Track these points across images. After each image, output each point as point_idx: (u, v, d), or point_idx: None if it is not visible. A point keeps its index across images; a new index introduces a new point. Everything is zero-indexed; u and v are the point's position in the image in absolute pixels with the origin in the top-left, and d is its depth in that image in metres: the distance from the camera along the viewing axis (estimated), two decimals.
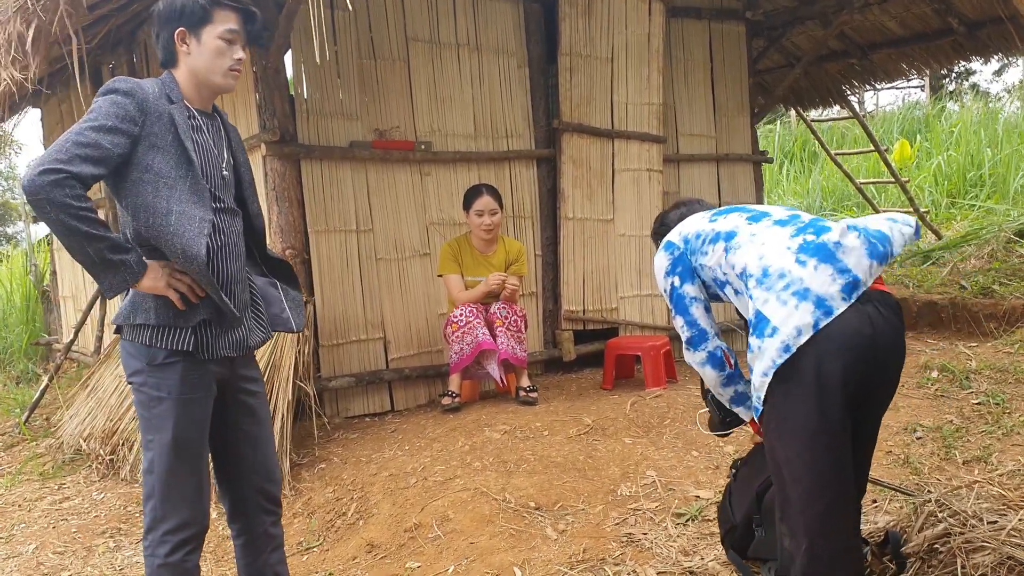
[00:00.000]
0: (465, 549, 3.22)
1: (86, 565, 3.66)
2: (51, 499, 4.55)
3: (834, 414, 2.02)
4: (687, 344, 2.43)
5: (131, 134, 2.22)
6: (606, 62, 5.88)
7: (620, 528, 3.27)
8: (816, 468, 2.02)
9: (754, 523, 2.69)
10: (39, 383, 6.69)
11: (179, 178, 2.28)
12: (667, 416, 4.48)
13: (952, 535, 2.61)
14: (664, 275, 2.46)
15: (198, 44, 2.36)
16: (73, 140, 2.13)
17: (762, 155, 7.41)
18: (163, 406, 2.31)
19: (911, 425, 4.01)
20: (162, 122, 2.27)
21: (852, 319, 2.01)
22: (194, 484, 2.37)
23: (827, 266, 2.05)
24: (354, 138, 4.99)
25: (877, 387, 2.15)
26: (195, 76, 2.39)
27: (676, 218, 2.69)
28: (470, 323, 4.71)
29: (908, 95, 18.12)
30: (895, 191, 10.32)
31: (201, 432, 2.39)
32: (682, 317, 2.42)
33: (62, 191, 2.07)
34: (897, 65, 8.43)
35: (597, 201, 5.89)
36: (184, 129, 2.31)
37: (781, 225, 2.24)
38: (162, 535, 2.33)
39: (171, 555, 2.32)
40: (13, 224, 18.13)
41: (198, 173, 2.32)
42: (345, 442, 4.51)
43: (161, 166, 2.26)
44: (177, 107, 2.33)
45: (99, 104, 2.22)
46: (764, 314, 2.07)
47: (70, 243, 2.13)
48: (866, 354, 2.03)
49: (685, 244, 2.43)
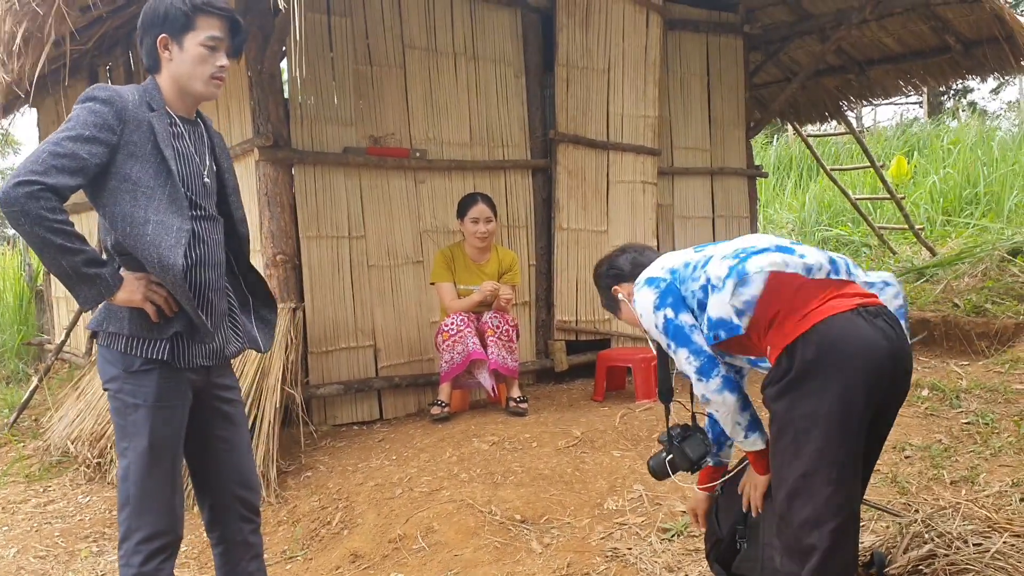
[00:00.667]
0: (449, 561, 3.20)
1: (68, 570, 3.63)
2: (36, 502, 4.51)
3: (855, 428, 2.01)
4: (698, 375, 2.24)
5: (109, 143, 2.19)
6: (603, 73, 5.89)
7: (605, 542, 3.25)
8: (834, 485, 2.01)
9: (738, 535, 2.68)
10: (29, 383, 6.66)
11: (157, 187, 2.25)
12: (656, 429, 4.46)
13: (937, 556, 2.60)
14: (654, 310, 2.30)
15: (180, 51, 2.33)
16: (49, 151, 2.11)
17: (757, 169, 7.42)
18: (138, 413, 2.29)
19: (900, 444, 4.00)
20: (141, 130, 2.25)
21: (870, 334, 2.00)
22: (168, 493, 2.35)
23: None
24: (348, 144, 4.98)
25: (892, 402, 2.15)
26: (177, 83, 2.36)
27: (628, 262, 2.62)
28: (461, 332, 4.69)
29: (906, 112, 18.19)
30: (890, 207, 10.34)
31: (176, 440, 2.37)
32: (685, 348, 2.25)
33: (37, 203, 2.05)
34: (894, 81, 8.45)
35: (591, 212, 5.89)
36: (164, 137, 2.29)
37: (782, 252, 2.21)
38: (136, 544, 2.30)
39: (145, 564, 2.30)
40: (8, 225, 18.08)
41: (177, 182, 2.29)
42: (332, 450, 4.49)
43: (139, 175, 2.23)
44: (157, 115, 2.30)
45: (77, 112, 2.20)
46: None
47: (44, 256, 2.12)
48: (887, 367, 2.03)
49: (672, 275, 2.32)
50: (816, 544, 2.02)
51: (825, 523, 2.01)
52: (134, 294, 2.24)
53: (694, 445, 2.55)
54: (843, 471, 2.01)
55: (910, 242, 10.08)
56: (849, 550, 2.05)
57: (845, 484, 2.02)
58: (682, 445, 2.55)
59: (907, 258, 9.39)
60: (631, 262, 2.61)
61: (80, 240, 2.14)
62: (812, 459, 2.02)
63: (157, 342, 2.30)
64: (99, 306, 2.32)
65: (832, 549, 2.01)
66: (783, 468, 2.09)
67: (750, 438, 2.28)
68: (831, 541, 2.00)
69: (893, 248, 9.83)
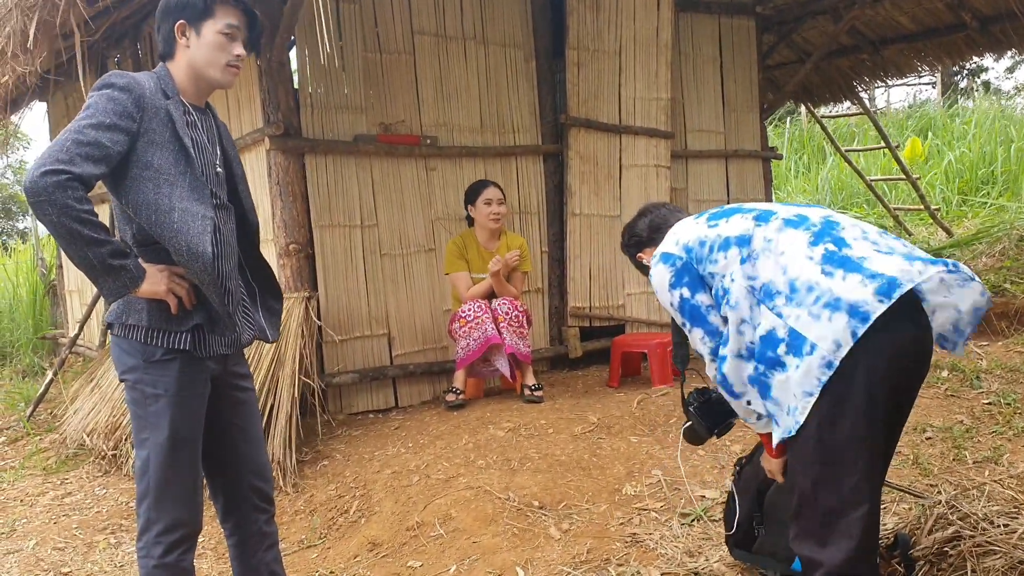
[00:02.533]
0: (468, 548, 3.18)
1: (86, 561, 3.64)
2: (53, 494, 4.52)
3: (880, 414, 1.97)
4: (712, 356, 2.23)
5: (130, 131, 2.17)
6: (614, 56, 5.83)
7: (625, 528, 3.23)
8: (860, 474, 1.97)
9: (754, 522, 2.65)
10: (45, 377, 6.68)
11: (179, 174, 2.24)
12: (673, 414, 4.43)
13: (963, 538, 2.56)
14: (669, 288, 2.27)
15: (198, 37, 2.32)
16: (73, 139, 2.07)
17: (771, 151, 7.36)
18: (159, 404, 2.27)
19: (921, 425, 3.96)
20: (159, 118, 2.23)
21: (892, 318, 1.92)
22: (189, 483, 2.34)
23: (855, 274, 1.96)
24: (359, 132, 4.95)
25: (912, 387, 2.11)
26: (192, 70, 2.35)
27: (645, 227, 2.57)
28: (478, 318, 4.67)
29: (919, 92, 18.02)
30: (905, 188, 10.25)
31: (196, 431, 2.35)
32: (701, 328, 2.23)
33: (64, 193, 2.02)
34: (909, 60, 8.36)
35: (604, 197, 5.84)
36: (181, 125, 2.27)
37: (794, 227, 2.13)
38: (156, 536, 2.29)
39: (165, 556, 2.29)
40: (23, 219, 18.16)
41: (197, 169, 2.28)
42: (348, 439, 4.48)
43: (161, 162, 2.22)
44: (173, 102, 2.29)
45: (95, 100, 2.17)
46: (798, 331, 1.97)
47: (70, 246, 2.08)
48: (909, 352, 1.99)
49: (687, 253, 2.26)
50: (841, 532, 1.99)
51: (850, 512, 1.98)
52: (158, 285, 2.22)
53: (709, 411, 2.52)
54: (868, 459, 1.97)
55: (926, 223, 9.99)
56: (872, 537, 2.02)
57: (869, 472, 1.98)
58: (699, 411, 2.54)
59: (923, 239, 9.31)
60: (648, 226, 2.56)
61: (105, 231, 2.11)
62: (836, 447, 1.98)
63: (178, 333, 2.28)
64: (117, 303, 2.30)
65: (856, 537, 1.97)
66: (806, 456, 2.05)
67: (761, 421, 2.24)
68: (856, 529, 1.97)
69: (909, 229, 9.75)
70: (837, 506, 1.99)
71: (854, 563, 1.98)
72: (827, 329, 1.92)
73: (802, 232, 2.11)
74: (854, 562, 1.98)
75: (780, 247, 2.09)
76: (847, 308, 1.92)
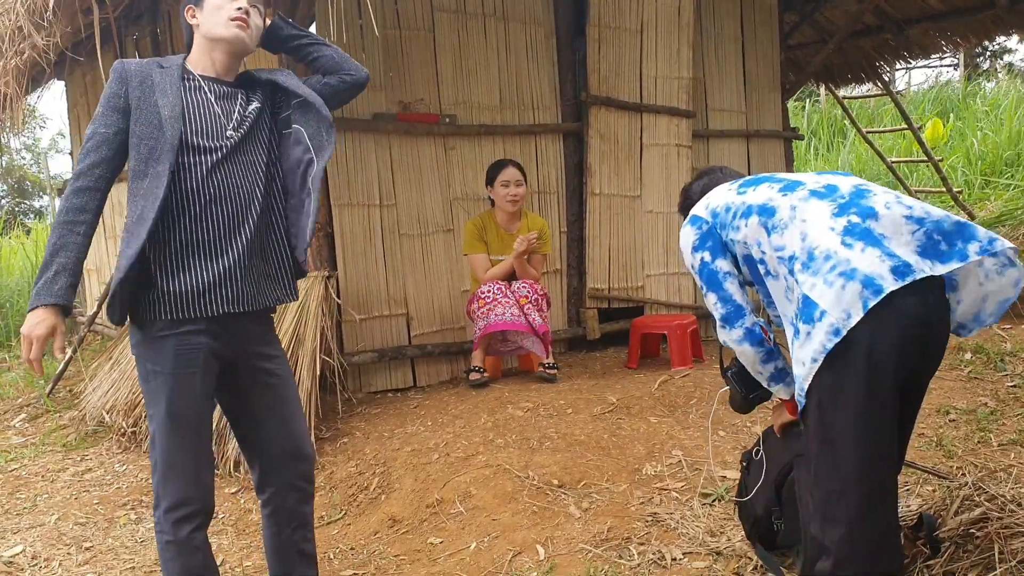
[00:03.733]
0: (487, 525, 3.18)
1: (107, 536, 3.66)
2: (73, 470, 4.55)
3: (885, 397, 1.92)
4: (722, 322, 2.27)
5: (118, 107, 2.28)
6: (635, 34, 5.77)
7: (645, 507, 3.21)
8: (864, 452, 1.93)
9: (773, 516, 2.62)
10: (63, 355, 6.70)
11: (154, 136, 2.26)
12: (693, 396, 4.41)
13: (989, 520, 2.53)
14: (692, 250, 2.33)
15: (202, 11, 2.39)
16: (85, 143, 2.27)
17: (792, 132, 7.28)
18: (158, 380, 2.27)
19: (944, 407, 3.92)
20: (144, 86, 2.29)
21: (904, 297, 1.89)
22: (192, 462, 2.31)
23: (875, 249, 1.94)
24: (378, 110, 4.92)
25: (925, 368, 2.06)
26: (205, 40, 2.39)
27: (699, 189, 2.58)
28: (497, 299, 4.64)
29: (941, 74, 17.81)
30: (927, 170, 10.14)
31: (197, 409, 2.31)
32: (715, 293, 2.27)
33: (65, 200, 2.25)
34: (934, 40, 8.23)
35: (624, 177, 5.80)
36: (162, 86, 2.29)
37: (820, 198, 2.11)
38: (164, 511, 2.29)
39: (176, 532, 2.28)
40: (39, 198, 18.26)
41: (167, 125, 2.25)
42: (368, 417, 4.48)
43: (143, 129, 2.26)
44: (166, 70, 2.33)
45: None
46: (811, 298, 1.95)
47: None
48: (918, 334, 1.93)
49: (714, 218, 2.30)
50: (842, 514, 1.96)
51: (851, 492, 1.95)
52: (31, 328, 2.19)
53: (746, 377, 2.50)
54: (870, 439, 1.94)
55: (947, 205, 9.88)
56: (879, 519, 1.97)
57: (873, 453, 1.94)
58: (735, 376, 2.54)
59: None
60: (702, 189, 2.56)
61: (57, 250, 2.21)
62: (836, 427, 1.96)
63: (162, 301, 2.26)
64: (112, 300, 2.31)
65: (858, 519, 1.94)
66: (811, 435, 2.03)
67: (773, 387, 2.32)
68: (857, 511, 1.94)
69: None
70: (837, 487, 1.97)
71: (854, 545, 1.95)
72: (839, 297, 1.91)
73: (827, 203, 2.09)
74: (854, 544, 1.95)
75: (803, 215, 2.09)
76: (862, 279, 1.90)
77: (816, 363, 1.94)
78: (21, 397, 6.21)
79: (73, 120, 8.08)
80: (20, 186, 18.30)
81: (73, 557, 3.44)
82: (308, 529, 2.60)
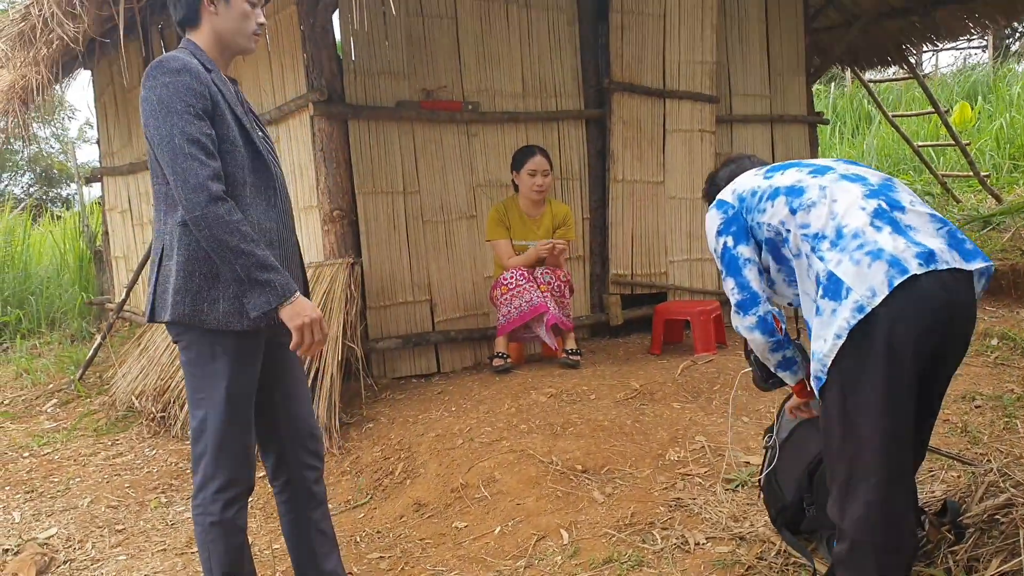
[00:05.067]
0: (512, 510, 3.21)
1: (139, 519, 3.73)
2: (104, 455, 4.63)
3: (905, 379, 1.93)
4: (737, 308, 2.30)
5: (207, 110, 2.26)
6: (658, 19, 5.75)
7: (668, 492, 3.23)
8: (883, 434, 1.95)
9: (805, 502, 2.63)
10: (92, 341, 6.81)
11: (240, 145, 2.32)
12: (717, 382, 4.41)
13: (1015, 506, 2.53)
14: (716, 235, 2.34)
15: (227, 6, 2.37)
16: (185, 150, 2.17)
17: (817, 116, 7.22)
18: (218, 363, 2.31)
19: (969, 393, 3.90)
20: (211, 90, 2.29)
21: (927, 281, 1.91)
22: (244, 442, 2.38)
23: (902, 236, 1.97)
24: (401, 98, 4.94)
25: (948, 353, 2.06)
26: (220, 38, 2.39)
27: (726, 176, 2.59)
28: (520, 286, 4.66)
29: (968, 56, 17.55)
30: (954, 155, 10.02)
31: (253, 390, 2.40)
32: (733, 279, 2.29)
33: (216, 206, 2.18)
34: (961, 22, 8.08)
35: (647, 163, 5.79)
36: (229, 96, 2.35)
37: (850, 181, 2.14)
38: (213, 493, 2.35)
39: (223, 513, 2.35)
40: (67, 186, 18.46)
41: (252, 138, 2.36)
42: (392, 402, 4.53)
43: (224, 134, 2.28)
44: (215, 74, 2.35)
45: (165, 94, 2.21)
46: (837, 275, 1.97)
47: (219, 258, 2.21)
48: (941, 318, 1.94)
49: (740, 203, 2.31)
50: (860, 496, 1.97)
51: (870, 476, 1.96)
52: (298, 318, 2.25)
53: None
54: (891, 423, 1.94)
55: (974, 189, 9.78)
56: (897, 503, 1.99)
57: (893, 436, 1.95)
58: (757, 360, 2.56)
59: (972, 206, 9.11)
60: (728, 176, 2.56)
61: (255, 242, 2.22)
62: (858, 410, 1.97)
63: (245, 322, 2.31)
64: (180, 297, 2.29)
65: (876, 502, 1.96)
66: (831, 421, 2.05)
67: (780, 374, 2.38)
68: (876, 494, 1.96)
69: (957, 196, 9.54)
70: (856, 472, 1.99)
71: (874, 527, 1.97)
72: (865, 275, 1.93)
73: (858, 186, 2.12)
74: (871, 526, 1.97)
75: (834, 195, 2.11)
76: (888, 259, 1.92)
77: (840, 339, 1.95)
78: (52, 383, 6.32)
79: (100, 109, 8.16)
80: (48, 175, 18.50)
81: (106, 539, 3.52)
82: (325, 508, 2.67)
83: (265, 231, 2.33)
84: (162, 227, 2.33)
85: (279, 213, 2.42)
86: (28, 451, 4.81)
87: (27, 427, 5.33)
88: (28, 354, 7.46)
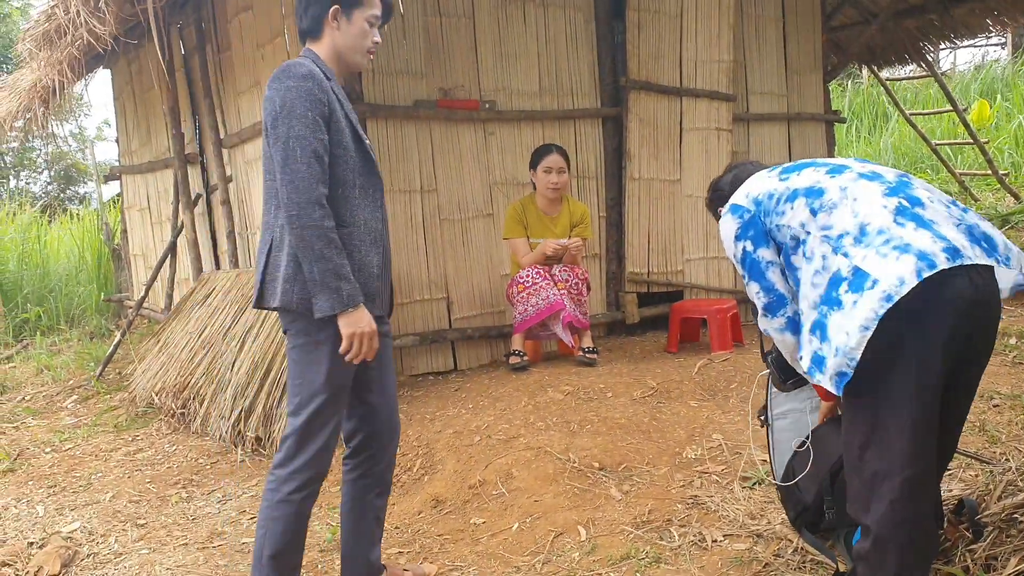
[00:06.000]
0: (529, 507, 3.23)
1: (160, 514, 3.77)
2: (125, 450, 4.68)
3: (933, 378, 1.93)
4: (764, 311, 2.28)
5: (324, 116, 2.37)
6: (675, 17, 5.75)
7: (686, 490, 3.24)
8: (910, 433, 1.94)
9: (825, 504, 2.63)
10: (112, 338, 6.87)
11: (352, 148, 2.44)
12: (734, 380, 4.41)
13: None
14: (734, 240, 2.31)
15: (348, 23, 2.49)
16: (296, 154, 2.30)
17: (835, 115, 7.20)
18: (321, 350, 2.40)
19: (988, 392, 3.89)
20: (329, 97, 2.40)
21: (955, 278, 1.90)
22: (331, 431, 2.46)
23: (926, 231, 1.95)
24: (419, 97, 4.97)
25: (976, 351, 2.06)
26: (338, 53, 2.51)
27: (729, 182, 2.57)
28: (537, 284, 4.68)
29: (987, 54, 17.42)
30: (972, 153, 9.96)
31: (349, 381, 2.49)
32: (757, 283, 2.27)
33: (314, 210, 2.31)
34: (980, 20, 8.04)
35: (664, 161, 5.79)
36: (346, 103, 2.47)
37: (868, 179, 2.13)
38: (291, 472, 2.42)
39: (294, 494, 2.42)
40: (84, 184, 18.58)
41: (365, 145, 2.49)
42: (410, 399, 4.55)
43: (338, 138, 2.40)
44: (334, 83, 2.46)
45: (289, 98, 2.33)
46: (863, 268, 1.94)
47: (304, 257, 2.32)
48: (973, 314, 1.94)
49: (756, 206, 2.27)
50: (885, 494, 1.97)
51: (896, 474, 1.96)
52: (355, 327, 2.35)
53: (785, 363, 2.51)
54: (918, 423, 1.94)
55: (993, 188, 9.72)
56: (920, 502, 1.99)
57: (919, 436, 1.95)
58: (775, 362, 2.57)
59: (990, 205, 9.05)
60: (732, 182, 2.55)
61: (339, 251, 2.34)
62: (885, 411, 1.96)
63: None
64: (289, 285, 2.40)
65: (901, 500, 1.96)
66: (856, 418, 2.04)
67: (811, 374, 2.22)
68: (900, 492, 1.96)
69: (975, 195, 9.49)
70: (882, 469, 1.98)
71: (897, 525, 1.97)
72: (892, 267, 1.90)
73: (877, 184, 2.11)
74: (895, 524, 1.97)
75: (854, 194, 2.10)
76: (916, 252, 1.91)
77: (867, 331, 1.89)
78: (72, 379, 6.38)
79: (119, 108, 8.23)
80: (67, 173, 18.63)
81: (128, 533, 3.56)
82: (386, 498, 2.77)
83: (371, 230, 2.45)
84: (272, 220, 2.45)
85: (384, 214, 2.55)
86: (50, 446, 4.86)
87: (49, 423, 5.39)
88: (48, 351, 7.53)
